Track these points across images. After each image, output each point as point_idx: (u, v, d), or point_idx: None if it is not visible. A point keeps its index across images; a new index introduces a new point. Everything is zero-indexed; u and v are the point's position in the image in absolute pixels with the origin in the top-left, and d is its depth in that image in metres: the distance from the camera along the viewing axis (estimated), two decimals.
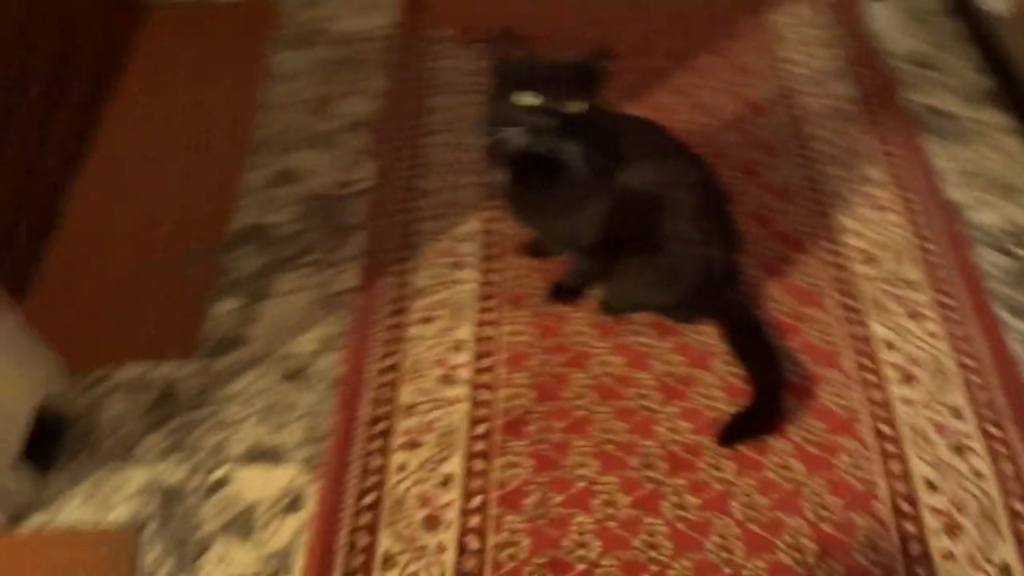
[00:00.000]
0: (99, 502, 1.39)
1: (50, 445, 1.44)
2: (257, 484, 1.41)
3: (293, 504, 1.39)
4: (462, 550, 1.33)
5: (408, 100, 2.05)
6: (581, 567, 1.31)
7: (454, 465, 1.43)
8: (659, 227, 1.38)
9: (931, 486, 1.38)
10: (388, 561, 1.32)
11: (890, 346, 1.55)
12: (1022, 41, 1.96)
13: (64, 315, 1.67)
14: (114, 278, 1.74)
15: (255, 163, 1.94)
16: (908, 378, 1.51)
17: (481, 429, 1.47)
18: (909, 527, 1.34)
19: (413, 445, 1.45)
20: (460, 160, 1.90)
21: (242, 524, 1.36)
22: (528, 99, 1.24)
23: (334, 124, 2.02)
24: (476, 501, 1.38)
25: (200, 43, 2.27)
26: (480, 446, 1.45)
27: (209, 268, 1.73)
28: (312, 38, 2.25)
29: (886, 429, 1.45)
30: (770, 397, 1.44)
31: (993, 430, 1.44)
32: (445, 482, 1.41)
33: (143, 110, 2.10)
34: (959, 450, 1.42)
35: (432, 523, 1.36)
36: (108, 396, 1.53)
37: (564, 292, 1.63)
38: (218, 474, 1.42)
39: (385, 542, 1.34)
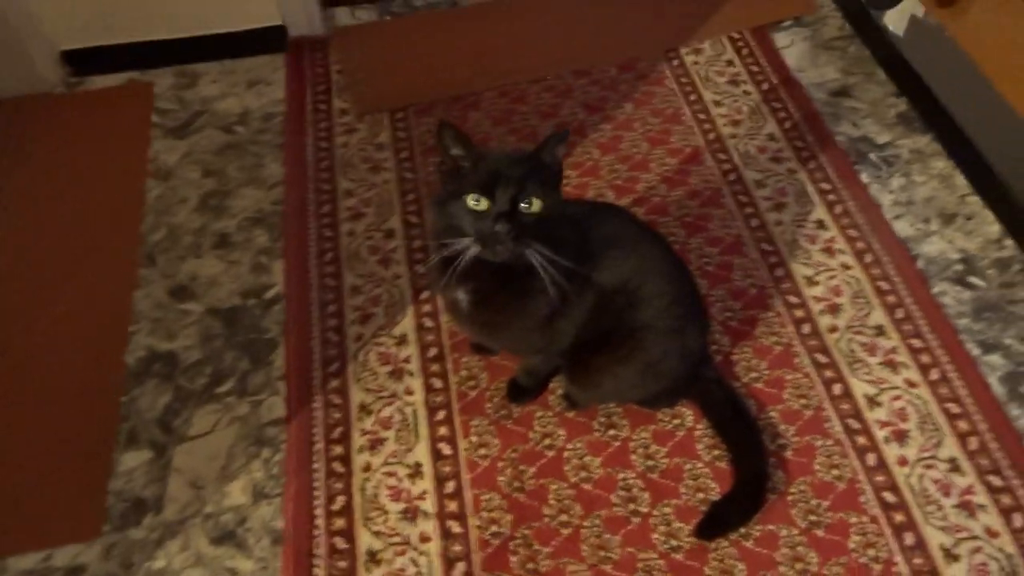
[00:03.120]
0: None
1: None
2: None
3: None
4: None
5: (311, 186, 1.84)
6: None
7: None
8: (634, 320, 1.24)
9: (949, 555, 1.29)
10: None
11: (873, 402, 1.47)
12: (925, 61, 1.95)
13: None
14: None
15: (146, 277, 1.69)
16: (898, 435, 1.42)
17: (459, 570, 1.28)
18: None
19: None
20: (382, 249, 1.71)
21: None
22: (479, 203, 1.08)
23: (230, 222, 1.79)
24: None
25: (61, 138, 1.98)
26: None
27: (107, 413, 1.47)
28: (194, 122, 2.00)
29: (890, 496, 1.35)
30: (753, 477, 1.32)
31: (994, 480, 1.37)
32: None
33: (5, 222, 1.80)
34: (968, 509, 1.34)
35: None
36: None
37: (522, 391, 1.46)
38: None
39: None
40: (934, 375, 1.50)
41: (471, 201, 1.07)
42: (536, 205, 1.07)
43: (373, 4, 2.27)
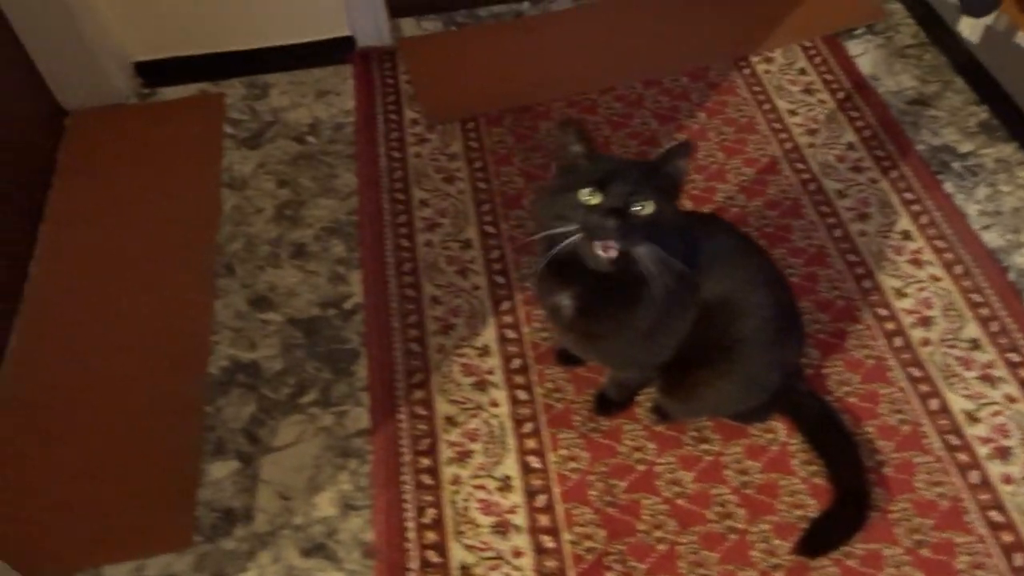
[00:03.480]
0: None
1: None
2: None
3: None
4: None
5: (385, 196, 1.84)
6: None
7: None
8: (735, 333, 1.22)
9: None
10: None
11: (972, 418, 1.43)
12: (1003, 68, 1.91)
13: (17, 513, 1.38)
14: (72, 455, 1.45)
15: (225, 287, 1.69)
16: (1001, 452, 1.38)
17: None
18: None
19: None
20: (459, 259, 1.70)
21: None
22: (592, 197, 1.06)
23: (306, 232, 1.79)
24: None
25: (134, 149, 1.99)
26: None
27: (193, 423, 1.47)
28: (266, 132, 2.01)
29: (996, 516, 1.31)
30: (853, 493, 1.30)
31: None
32: None
33: (80, 237, 1.81)
34: None
35: None
36: None
37: (610, 404, 1.44)
38: None
39: None
40: None
41: (584, 195, 1.05)
42: (648, 208, 1.05)
43: (439, 15, 2.27)
